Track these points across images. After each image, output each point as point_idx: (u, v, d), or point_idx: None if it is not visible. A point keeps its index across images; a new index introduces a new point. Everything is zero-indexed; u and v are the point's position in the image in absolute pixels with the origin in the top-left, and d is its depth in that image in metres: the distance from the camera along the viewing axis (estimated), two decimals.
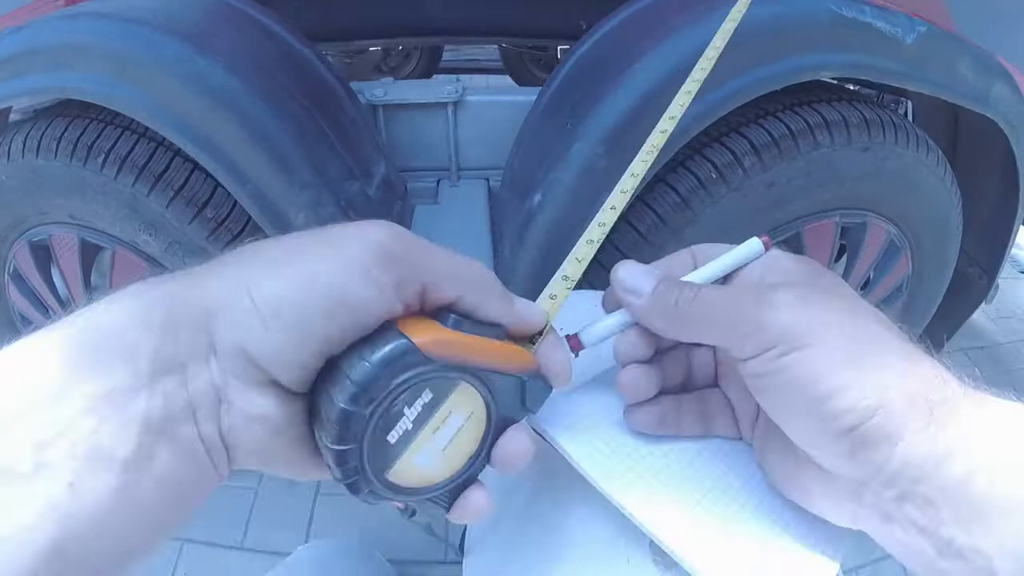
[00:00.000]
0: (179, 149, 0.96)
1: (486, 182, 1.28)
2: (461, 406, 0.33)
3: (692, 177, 0.96)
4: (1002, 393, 0.33)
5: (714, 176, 0.95)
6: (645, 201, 0.96)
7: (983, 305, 1.39)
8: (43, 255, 1.16)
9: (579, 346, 0.39)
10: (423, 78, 2.44)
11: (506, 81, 2.52)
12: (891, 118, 1.02)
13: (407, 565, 1.33)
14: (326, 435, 0.30)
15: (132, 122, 0.99)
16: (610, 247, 0.97)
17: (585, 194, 0.92)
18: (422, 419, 0.31)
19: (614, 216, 0.45)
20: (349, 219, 0.97)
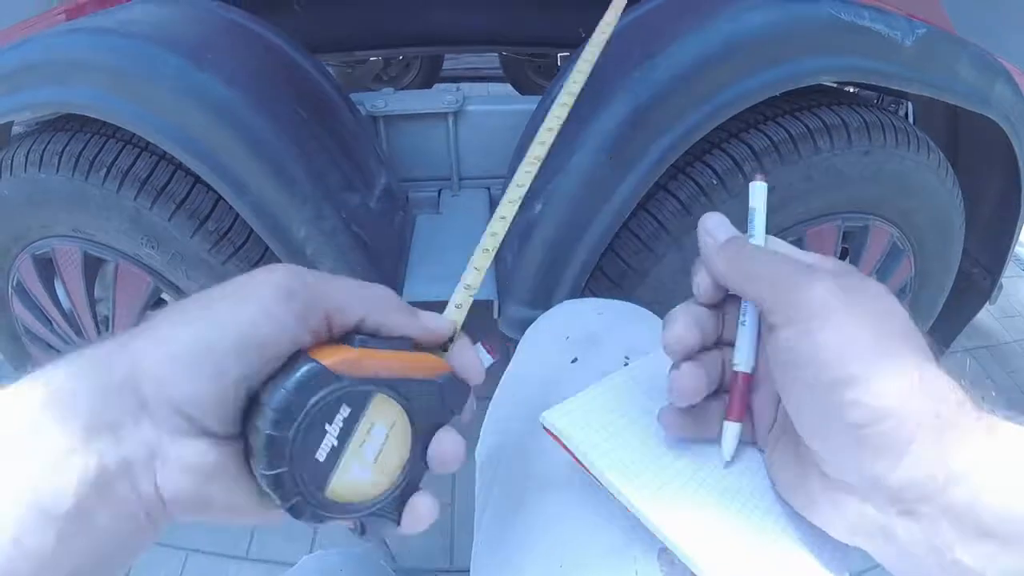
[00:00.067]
0: (181, 163, 0.96)
1: (487, 191, 1.28)
2: (381, 417, 0.35)
3: (692, 184, 0.96)
4: (1009, 397, 0.33)
5: (715, 182, 0.95)
6: (646, 208, 0.96)
7: (987, 305, 1.39)
8: (46, 268, 1.16)
9: (494, 351, 0.42)
10: (424, 87, 2.45)
11: (507, 89, 2.53)
12: (891, 121, 1.02)
13: (413, 574, 1.33)
14: (258, 463, 0.32)
15: (133, 136, 0.99)
16: (611, 253, 0.97)
17: (586, 203, 0.92)
18: (345, 434, 0.33)
19: (505, 225, 0.49)
20: (351, 231, 0.97)
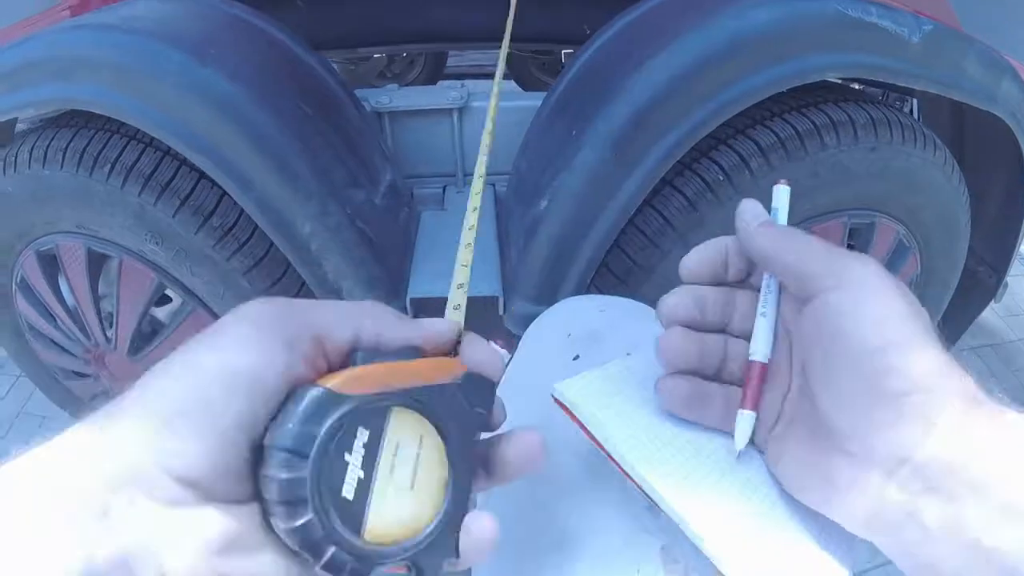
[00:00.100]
0: (185, 158, 0.96)
1: (492, 187, 1.28)
2: (406, 433, 0.30)
3: (699, 180, 0.96)
4: (1015, 396, 0.33)
5: (721, 179, 0.95)
6: (652, 204, 0.96)
7: (992, 303, 1.39)
8: (50, 264, 1.16)
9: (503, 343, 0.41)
10: (428, 84, 2.45)
11: (511, 85, 2.52)
12: (898, 118, 1.01)
13: None
14: (278, 518, 0.28)
15: (138, 132, 0.99)
16: (616, 250, 0.97)
17: (592, 199, 0.92)
18: (370, 461, 0.29)
19: (477, 216, 0.48)
20: (356, 227, 0.97)
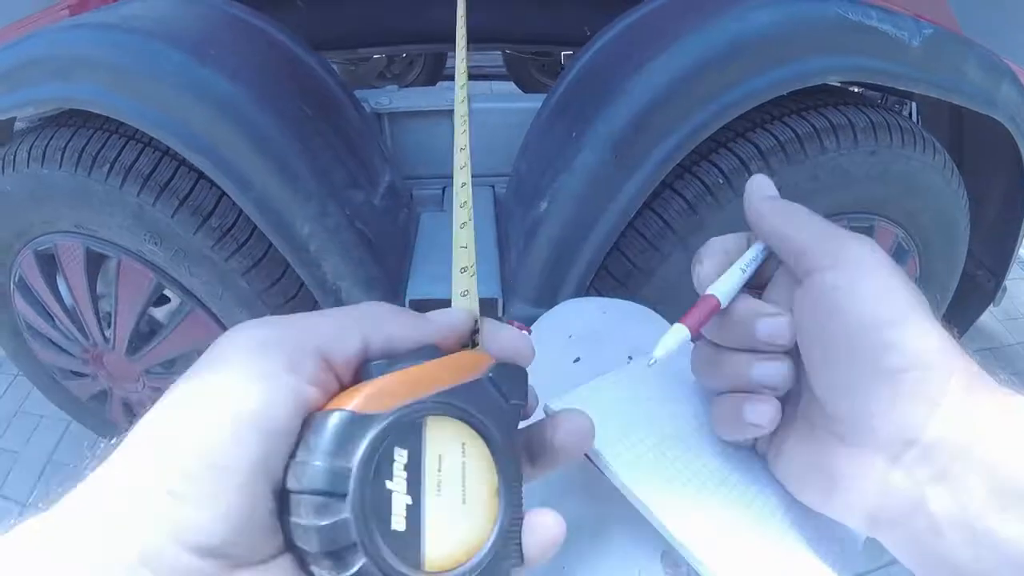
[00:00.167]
0: (184, 159, 0.96)
1: (492, 189, 1.28)
2: (445, 443, 0.28)
3: (699, 183, 0.95)
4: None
5: (721, 182, 0.95)
6: (652, 207, 0.96)
7: (991, 307, 1.39)
8: (49, 264, 1.16)
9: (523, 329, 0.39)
10: (427, 85, 2.44)
11: (510, 87, 2.53)
12: (897, 121, 1.01)
13: None
14: (325, 571, 0.24)
15: (137, 131, 0.99)
16: (616, 252, 0.97)
17: (591, 202, 0.92)
18: (415, 484, 0.26)
19: (468, 195, 0.44)
20: (355, 228, 0.97)
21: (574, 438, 0.33)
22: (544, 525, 0.30)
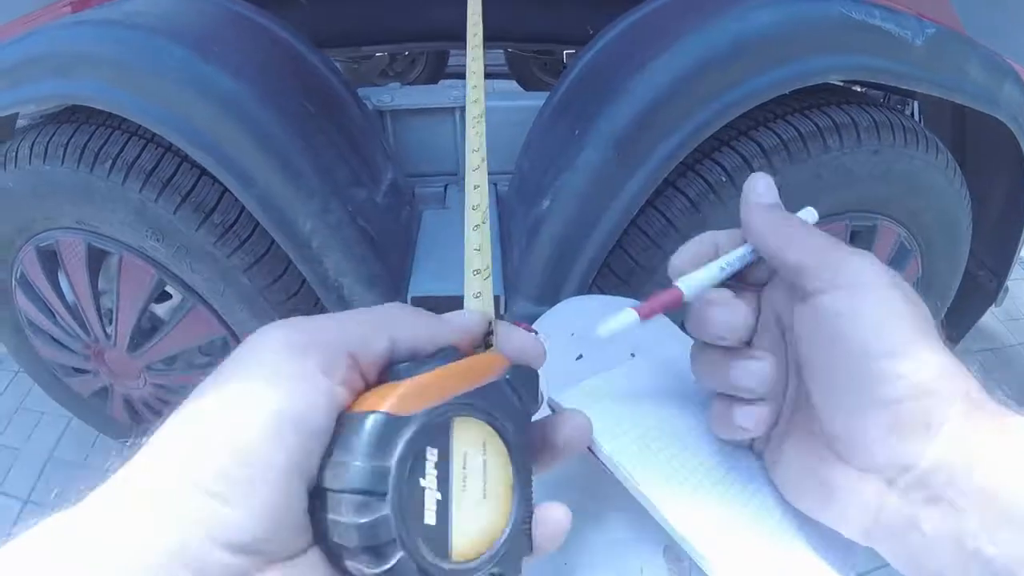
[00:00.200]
0: (186, 155, 0.96)
1: (494, 187, 1.28)
2: (469, 443, 0.29)
3: (702, 181, 0.95)
4: (1018, 400, 0.32)
5: (724, 180, 0.95)
6: (655, 206, 0.96)
7: (992, 307, 1.39)
8: (50, 260, 1.16)
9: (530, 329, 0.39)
10: (429, 83, 2.44)
11: (512, 86, 2.52)
12: (900, 120, 1.01)
13: None
14: (363, 565, 0.26)
15: (139, 127, 0.99)
16: (619, 250, 0.97)
17: (594, 200, 0.92)
18: (444, 480, 0.28)
19: (483, 214, 0.43)
20: (357, 224, 0.97)
21: (576, 434, 0.35)
22: (554, 518, 0.32)
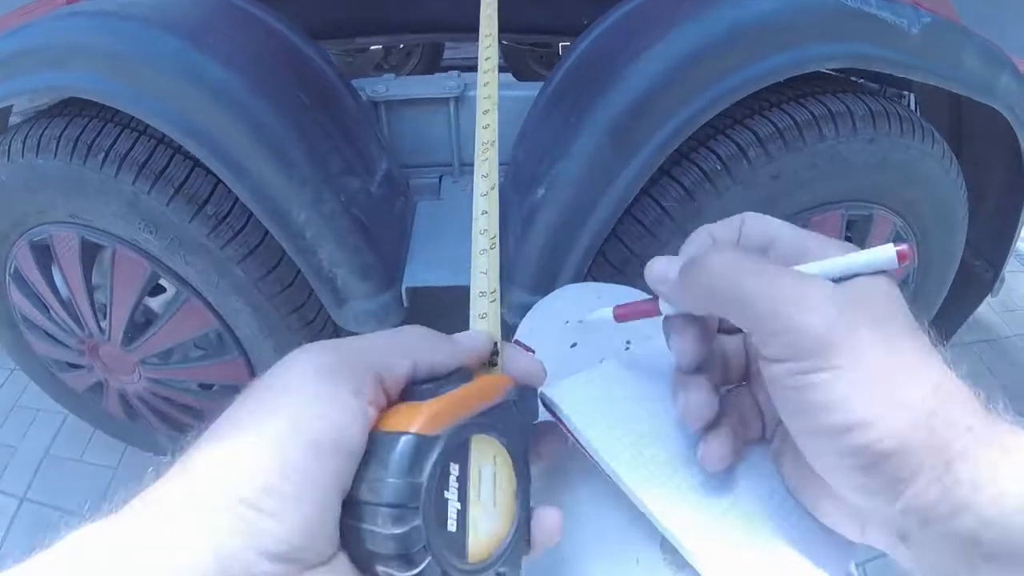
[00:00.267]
0: (179, 146, 0.96)
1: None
2: (483, 458, 0.33)
3: (697, 170, 0.95)
4: (1013, 393, 0.32)
5: (719, 168, 0.94)
6: (650, 194, 0.96)
7: (989, 298, 1.39)
8: (44, 254, 1.16)
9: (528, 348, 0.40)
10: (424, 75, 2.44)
11: (508, 78, 2.52)
12: (896, 110, 1.01)
13: None
14: (395, 569, 0.28)
15: (132, 120, 0.98)
16: (614, 239, 0.96)
17: (589, 188, 0.92)
18: (463, 492, 0.31)
19: (490, 204, 0.44)
20: (351, 214, 0.96)
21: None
22: (549, 519, 0.35)
